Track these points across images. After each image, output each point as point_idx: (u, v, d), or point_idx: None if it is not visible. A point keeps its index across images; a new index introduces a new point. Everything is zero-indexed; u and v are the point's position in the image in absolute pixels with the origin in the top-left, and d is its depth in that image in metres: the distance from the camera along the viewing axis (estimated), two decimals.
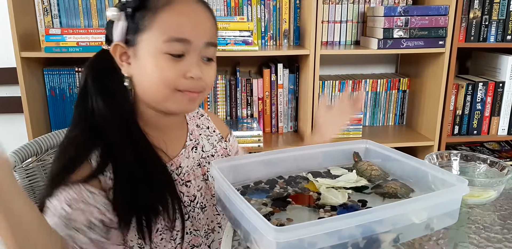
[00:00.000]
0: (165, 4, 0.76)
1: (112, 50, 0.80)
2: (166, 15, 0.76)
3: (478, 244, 0.68)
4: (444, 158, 0.90)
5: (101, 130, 0.78)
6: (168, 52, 0.76)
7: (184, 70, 0.78)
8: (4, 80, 1.77)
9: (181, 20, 0.77)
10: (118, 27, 0.78)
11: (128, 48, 0.79)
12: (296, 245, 0.56)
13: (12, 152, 0.95)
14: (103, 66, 0.82)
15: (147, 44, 0.77)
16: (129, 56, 0.80)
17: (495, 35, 1.74)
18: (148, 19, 0.76)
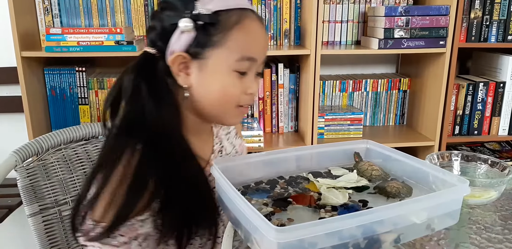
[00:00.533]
0: (237, 22, 0.77)
1: (173, 60, 0.77)
2: (239, 34, 0.77)
3: (479, 244, 0.68)
4: (445, 158, 0.90)
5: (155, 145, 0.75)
6: (237, 70, 0.78)
7: (245, 86, 0.80)
8: (5, 80, 1.76)
9: (252, 40, 0.79)
10: (183, 37, 0.76)
11: (192, 60, 0.77)
12: (296, 245, 0.56)
13: (13, 152, 0.95)
14: (152, 71, 0.79)
15: (218, 60, 0.77)
16: (189, 67, 0.78)
17: (496, 35, 1.74)
18: (221, 35, 0.76)
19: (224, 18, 0.76)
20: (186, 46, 0.76)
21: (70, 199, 1.03)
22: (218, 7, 0.76)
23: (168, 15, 0.77)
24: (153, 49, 0.79)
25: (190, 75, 0.78)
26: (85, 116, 1.70)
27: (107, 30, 1.52)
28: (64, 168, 1.03)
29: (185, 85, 0.79)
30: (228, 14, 0.76)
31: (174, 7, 0.77)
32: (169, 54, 0.77)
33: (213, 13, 0.75)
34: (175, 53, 0.76)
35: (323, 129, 1.78)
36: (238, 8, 0.78)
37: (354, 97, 1.91)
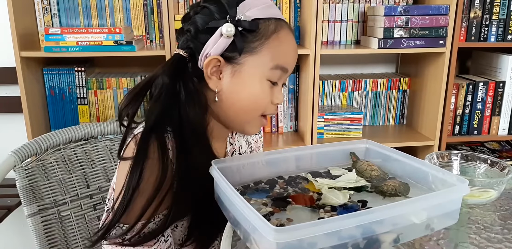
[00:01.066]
0: (274, 31, 0.78)
1: (207, 63, 0.77)
2: (275, 43, 0.78)
3: (479, 244, 0.68)
4: (444, 158, 0.90)
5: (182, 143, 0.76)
6: (269, 78, 0.79)
7: (273, 96, 0.81)
8: (4, 80, 1.76)
9: (287, 50, 0.81)
10: (221, 41, 0.76)
11: (226, 65, 0.78)
12: (296, 245, 0.55)
13: (12, 152, 0.95)
14: (184, 73, 0.80)
15: (254, 67, 0.78)
16: (222, 72, 0.79)
17: (496, 35, 1.74)
18: (259, 43, 0.77)
19: (263, 26, 0.77)
20: (221, 51, 0.77)
21: (69, 199, 1.02)
22: (258, 15, 0.77)
23: (204, 19, 0.77)
24: (184, 51, 0.80)
25: (221, 79, 0.79)
26: (84, 117, 1.69)
27: (106, 30, 1.52)
28: (63, 168, 1.03)
29: (216, 90, 0.79)
30: (266, 22, 0.78)
31: (211, 12, 0.78)
32: (203, 57, 0.78)
33: (253, 20, 0.76)
34: (211, 56, 0.77)
35: (322, 129, 1.78)
36: (274, 17, 0.79)
37: (354, 97, 1.91)
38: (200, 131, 0.79)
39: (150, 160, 0.72)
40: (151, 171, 0.72)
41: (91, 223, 1.06)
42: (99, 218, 1.06)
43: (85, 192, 1.05)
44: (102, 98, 1.70)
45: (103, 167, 1.08)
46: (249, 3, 0.78)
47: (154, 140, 0.74)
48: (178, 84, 0.78)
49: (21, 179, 0.96)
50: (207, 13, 0.78)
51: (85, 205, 1.05)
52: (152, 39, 1.76)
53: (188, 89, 0.78)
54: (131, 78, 1.70)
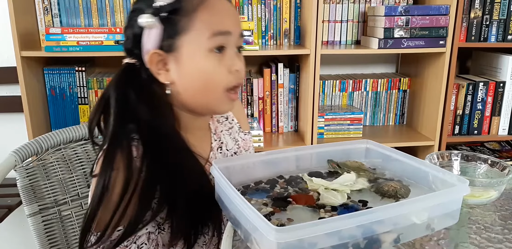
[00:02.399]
0: (199, 3, 0.75)
1: (149, 59, 0.76)
2: (204, 13, 0.75)
3: (479, 244, 0.68)
4: (444, 158, 0.90)
5: (153, 148, 0.75)
6: (212, 47, 0.76)
7: (228, 64, 0.78)
8: (4, 80, 1.76)
9: (220, 14, 0.77)
10: (151, 34, 0.75)
11: (167, 55, 0.76)
12: (296, 245, 0.56)
13: (12, 151, 0.95)
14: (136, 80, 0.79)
15: (190, 45, 0.75)
16: (167, 63, 0.77)
17: (496, 35, 1.74)
18: (187, 20, 0.75)
19: (186, 3, 0.75)
20: (157, 42, 0.75)
21: (69, 199, 1.03)
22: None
23: (136, 20, 0.76)
24: (131, 58, 0.79)
25: (169, 70, 0.78)
26: (84, 116, 1.70)
27: (107, 30, 1.52)
28: (63, 168, 1.03)
29: (167, 82, 0.78)
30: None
31: (140, 10, 0.76)
32: (145, 55, 0.77)
33: (173, 2, 0.74)
34: (149, 52, 0.76)
35: (323, 129, 1.78)
36: None
37: (354, 97, 1.91)
38: (167, 131, 0.78)
39: (115, 171, 0.71)
40: (116, 182, 0.71)
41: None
42: None
43: (86, 192, 1.05)
44: None
45: None
46: None
47: (118, 152, 0.73)
48: (129, 92, 0.76)
49: (21, 179, 0.96)
50: (138, 12, 0.76)
51: (85, 205, 1.05)
52: None
53: (141, 94, 0.77)
54: None
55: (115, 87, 0.77)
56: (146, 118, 0.76)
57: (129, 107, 0.76)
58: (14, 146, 0.97)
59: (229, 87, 0.79)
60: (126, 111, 0.76)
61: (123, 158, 0.72)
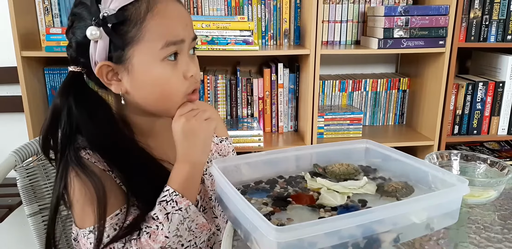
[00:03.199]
0: (147, 10, 0.72)
1: (98, 71, 0.74)
2: (153, 22, 0.72)
3: (478, 244, 0.68)
4: (444, 158, 0.90)
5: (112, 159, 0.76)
6: (165, 57, 0.74)
7: (183, 70, 0.76)
8: (5, 80, 1.77)
9: (170, 22, 0.74)
10: (99, 45, 0.72)
11: (117, 66, 0.74)
12: (296, 245, 0.56)
13: (13, 151, 0.95)
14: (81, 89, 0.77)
15: (142, 55, 0.73)
16: (118, 73, 0.75)
17: (495, 35, 1.74)
18: (135, 31, 0.72)
19: (132, 12, 0.71)
20: (106, 54, 0.73)
21: None
22: (121, 3, 0.71)
23: (79, 28, 0.73)
24: (77, 67, 0.77)
25: (121, 81, 0.76)
26: None
27: None
28: None
29: (121, 92, 0.77)
30: (135, 6, 0.71)
31: (81, 18, 0.73)
32: (94, 67, 0.75)
33: (118, 11, 0.70)
34: (98, 64, 0.73)
35: (322, 129, 1.78)
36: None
37: (354, 97, 1.92)
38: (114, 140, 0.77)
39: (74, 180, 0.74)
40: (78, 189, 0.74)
41: None
42: None
43: None
44: None
45: None
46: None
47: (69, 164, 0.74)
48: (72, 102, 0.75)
49: (22, 179, 0.96)
50: (79, 20, 0.73)
51: None
52: None
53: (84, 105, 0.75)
54: None
55: (60, 97, 0.75)
56: (90, 129, 0.75)
57: (73, 118, 0.75)
58: (14, 145, 0.97)
59: (188, 93, 0.78)
60: (71, 122, 0.75)
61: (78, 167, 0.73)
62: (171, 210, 0.73)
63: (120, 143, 0.78)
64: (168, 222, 0.72)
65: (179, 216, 0.73)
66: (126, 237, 0.73)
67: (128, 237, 0.73)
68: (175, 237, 0.73)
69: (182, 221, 0.74)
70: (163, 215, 0.73)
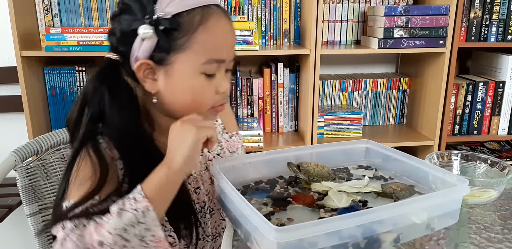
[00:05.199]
0: (201, 22, 0.73)
1: (137, 67, 0.75)
2: (204, 35, 0.73)
3: (479, 244, 0.68)
4: (444, 158, 0.90)
5: (123, 148, 0.76)
6: (205, 72, 0.76)
7: (215, 86, 0.78)
8: (5, 79, 1.76)
9: (218, 40, 0.76)
10: (146, 44, 0.73)
11: (157, 66, 0.75)
12: (296, 245, 0.56)
13: (12, 151, 0.95)
14: (115, 77, 0.78)
15: (184, 64, 0.74)
16: (155, 73, 0.76)
17: (496, 35, 1.74)
18: (185, 39, 0.73)
19: (186, 20, 0.72)
20: (149, 52, 0.73)
21: None
22: (178, 9, 0.71)
23: (127, 19, 0.73)
24: (115, 55, 0.77)
25: (157, 80, 0.76)
26: None
27: (107, 30, 1.52)
28: (63, 167, 1.02)
29: (153, 91, 0.77)
30: (190, 15, 0.72)
31: (132, 11, 0.73)
32: (133, 61, 0.75)
33: (173, 16, 0.71)
34: (139, 61, 0.74)
35: (322, 129, 1.78)
36: (200, 6, 0.73)
37: (354, 97, 1.91)
38: (132, 133, 0.77)
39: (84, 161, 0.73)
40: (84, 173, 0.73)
41: None
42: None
43: None
44: None
45: None
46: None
47: (88, 148, 0.74)
48: (106, 90, 0.75)
49: (21, 179, 0.96)
50: (129, 12, 0.74)
51: None
52: None
53: (115, 94, 0.76)
54: None
55: (93, 82, 0.76)
56: (115, 119, 0.75)
57: (101, 106, 0.75)
58: (14, 145, 0.97)
59: (215, 106, 0.80)
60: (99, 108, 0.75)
61: (93, 153, 0.73)
62: (127, 207, 0.66)
63: (139, 138, 0.78)
64: (117, 218, 0.65)
65: (132, 217, 0.65)
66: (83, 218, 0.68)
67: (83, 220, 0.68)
68: (119, 238, 0.64)
69: (133, 223, 0.65)
70: (117, 209, 0.65)
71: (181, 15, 0.72)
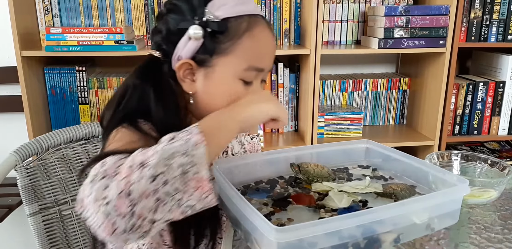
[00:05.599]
0: (247, 29, 0.75)
1: (179, 66, 0.76)
2: (248, 42, 0.75)
3: (479, 244, 0.68)
4: (444, 158, 0.90)
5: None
6: (243, 78, 0.77)
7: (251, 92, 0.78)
8: (5, 79, 1.76)
9: (262, 50, 0.78)
10: (191, 44, 0.74)
11: (198, 67, 0.76)
12: (296, 245, 0.56)
13: (13, 151, 0.95)
14: (157, 74, 0.78)
15: (225, 68, 0.75)
16: (194, 74, 0.77)
17: (496, 35, 1.74)
18: (230, 43, 0.74)
19: (234, 25, 0.74)
20: (192, 53, 0.75)
21: (70, 199, 1.03)
22: (227, 14, 0.74)
23: (175, 19, 0.75)
24: (158, 52, 0.78)
25: (195, 81, 0.78)
26: (85, 116, 1.70)
27: (107, 29, 1.52)
28: (64, 167, 1.03)
29: (190, 92, 0.78)
30: (238, 21, 0.75)
31: (181, 11, 0.75)
32: (175, 59, 0.76)
33: (222, 20, 0.73)
34: (182, 60, 0.75)
35: (323, 129, 1.78)
36: (248, 14, 0.76)
37: (354, 97, 1.91)
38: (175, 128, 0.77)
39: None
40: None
41: None
42: None
43: None
44: (103, 98, 1.70)
45: None
46: (220, 0, 0.75)
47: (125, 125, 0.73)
48: (148, 85, 0.76)
49: (22, 178, 0.96)
50: (178, 12, 0.75)
51: None
52: None
53: (159, 91, 0.76)
54: None
55: (135, 78, 0.77)
56: (156, 115, 0.75)
57: (144, 102, 0.76)
58: (14, 145, 0.97)
59: None
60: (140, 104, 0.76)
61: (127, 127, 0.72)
62: (179, 136, 0.60)
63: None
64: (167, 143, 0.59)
65: (182, 145, 0.58)
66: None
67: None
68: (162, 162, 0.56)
69: (181, 153, 0.57)
70: (168, 137, 0.60)
71: (229, 20, 0.74)
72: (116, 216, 0.52)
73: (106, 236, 0.53)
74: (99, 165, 0.59)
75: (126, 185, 0.53)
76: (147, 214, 0.53)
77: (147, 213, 0.53)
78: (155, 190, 0.53)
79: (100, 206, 0.52)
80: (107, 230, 0.52)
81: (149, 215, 0.53)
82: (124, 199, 0.52)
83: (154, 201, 0.53)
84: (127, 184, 0.53)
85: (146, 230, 0.54)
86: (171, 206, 0.55)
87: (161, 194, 0.53)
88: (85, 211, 0.55)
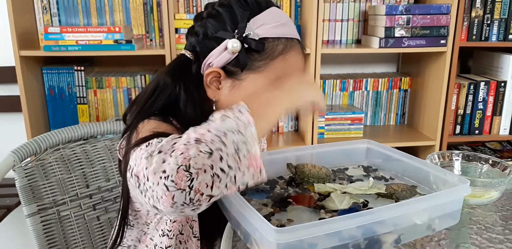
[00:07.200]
0: (281, 52, 0.77)
1: (208, 73, 0.77)
2: (281, 64, 0.77)
3: (480, 244, 0.67)
4: (445, 158, 0.90)
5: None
6: None
7: None
8: (3, 79, 1.76)
9: (291, 73, 0.79)
10: (225, 55, 0.75)
11: (227, 78, 0.77)
12: (296, 246, 0.55)
13: (11, 151, 0.95)
14: (187, 73, 0.79)
15: (252, 84, 0.77)
16: (220, 82, 0.78)
17: (497, 34, 1.74)
18: (262, 62, 0.76)
19: (271, 46, 0.76)
20: (225, 63, 0.76)
21: (68, 199, 1.02)
22: (267, 34, 0.75)
23: (214, 26, 0.76)
24: (190, 53, 0.80)
25: (220, 90, 0.79)
26: (83, 116, 1.69)
27: (106, 29, 1.52)
28: (62, 168, 1.02)
29: (213, 98, 0.79)
30: (275, 42, 0.76)
31: (223, 20, 0.76)
32: (206, 65, 0.77)
33: (261, 39, 0.75)
34: (212, 67, 0.76)
35: (323, 129, 1.78)
36: (286, 37, 0.77)
37: (355, 96, 1.91)
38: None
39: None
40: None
41: (91, 223, 1.05)
42: (99, 218, 1.06)
43: (85, 192, 1.05)
44: (101, 98, 1.70)
45: (103, 166, 1.08)
46: (262, 19, 0.76)
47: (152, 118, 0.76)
48: (179, 85, 0.78)
49: (20, 179, 0.95)
50: (218, 20, 0.76)
51: (84, 205, 1.04)
52: (152, 38, 1.75)
53: (188, 90, 0.78)
54: (131, 77, 1.70)
55: (169, 75, 0.79)
56: (190, 116, 0.76)
57: (175, 99, 0.77)
58: (12, 145, 0.96)
59: None
60: (170, 101, 0.77)
61: (155, 119, 0.75)
62: (230, 115, 0.63)
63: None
64: (220, 122, 0.61)
65: (234, 124, 0.61)
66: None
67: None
68: (218, 139, 0.58)
69: (234, 130, 0.60)
70: (220, 115, 0.63)
71: (268, 40, 0.76)
72: (176, 190, 0.53)
73: (165, 208, 0.55)
74: (149, 145, 0.62)
75: (184, 160, 0.54)
76: (205, 189, 0.54)
77: (205, 189, 0.54)
78: (212, 165, 0.55)
79: (160, 178, 0.54)
80: (167, 202, 0.54)
81: (206, 191, 0.54)
82: (183, 173, 0.54)
83: (211, 176, 0.55)
84: (185, 159, 0.54)
85: (203, 204, 0.56)
86: (227, 182, 0.56)
87: (217, 170, 0.55)
88: (142, 185, 0.57)
